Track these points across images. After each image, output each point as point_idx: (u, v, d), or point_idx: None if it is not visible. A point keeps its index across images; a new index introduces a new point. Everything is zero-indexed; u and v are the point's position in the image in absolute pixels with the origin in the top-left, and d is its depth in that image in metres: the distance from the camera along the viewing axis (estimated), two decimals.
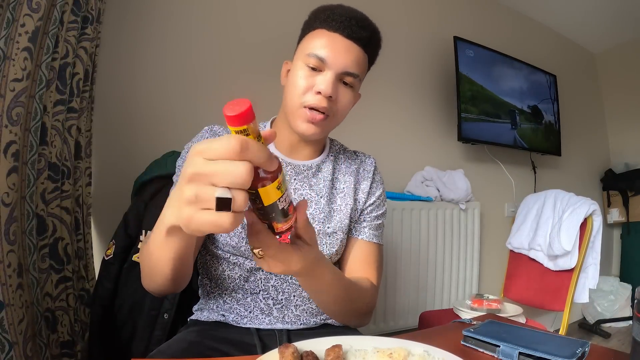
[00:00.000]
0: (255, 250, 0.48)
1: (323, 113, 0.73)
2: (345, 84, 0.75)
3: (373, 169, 0.88)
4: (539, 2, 2.47)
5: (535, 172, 2.54)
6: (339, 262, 0.87)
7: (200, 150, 0.36)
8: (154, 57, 1.34)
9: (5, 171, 0.84)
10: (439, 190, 1.88)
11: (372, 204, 0.85)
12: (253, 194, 0.39)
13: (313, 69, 0.73)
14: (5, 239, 0.84)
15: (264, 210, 0.41)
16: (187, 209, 0.37)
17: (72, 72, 1.00)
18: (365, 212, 0.84)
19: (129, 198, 1.09)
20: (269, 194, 0.39)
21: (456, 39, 2.03)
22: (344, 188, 0.83)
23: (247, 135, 0.36)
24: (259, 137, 0.37)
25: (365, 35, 0.74)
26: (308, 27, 0.77)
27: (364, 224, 0.84)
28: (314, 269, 0.58)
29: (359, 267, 0.82)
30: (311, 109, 0.73)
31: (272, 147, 0.81)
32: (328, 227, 0.78)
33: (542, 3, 2.47)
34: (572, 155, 2.79)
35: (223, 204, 0.35)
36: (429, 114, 2.10)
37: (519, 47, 2.45)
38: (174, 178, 0.79)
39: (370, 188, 0.86)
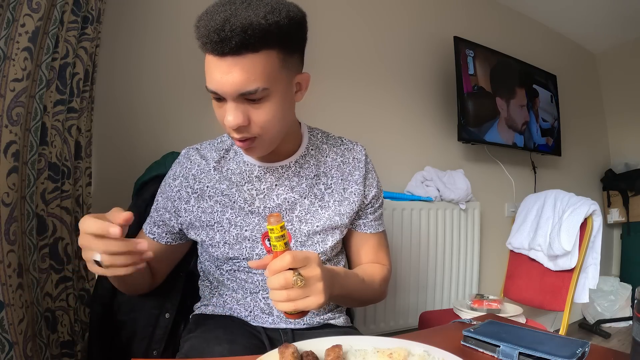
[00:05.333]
0: (295, 279, 0.54)
1: (245, 139, 0.68)
2: (254, 100, 0.64)
3: (364, 158, 0.84)
4: (539, 2, 2.46)
5: (535, 172, 2.54)
6: (349, 256, 0.89)
7: None
8: (154, 57, 1.34)
9: (5, 171, 0.84)
10: (439, 190, 1.88)
11: (374, 196, 0.85)
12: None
13: (218, 99, 0.66)
14: (5, 239, 0.84)
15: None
16: None
17: (72, 72, 1.00)
18: (369, 206, 0.85)
19: (129, 198, 1.09)
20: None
21: (456, 39, 2.03)
22: (331, 184, 0.81)
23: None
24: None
25: (236, 42, 0.58)
26: None
27: (370, 217, 0.85)
28: (334, 281, 0.64)
29: (371, 257, 0.87)
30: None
31: (245, 155, 0.79)
32: (317, 226, 0.78)
33: (542, 3, 2.47)
34: (572, 155, 2.79)
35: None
36: (429, 114, 2.10)
37: (519, 47, 2.45)
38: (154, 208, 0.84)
39: (365, 179, 0.83)
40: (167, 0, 1.37)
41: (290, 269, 0.55)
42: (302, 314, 0.58)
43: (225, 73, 0.61)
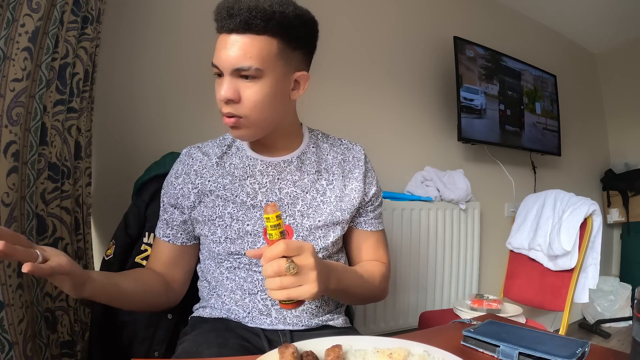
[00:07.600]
0: (287, 266, 0.56)
1: (232, 116, 0.71)
2: (247, 77, 0.69)
3: (363, 157, 0.87)
4: (539, 2, 2.47)
5: (535, 172, 2.54)
6: (349, 253, 0.90)
7: None
8: (154, 57, 1.34)
9: (5, 171, 0.84)
10: (439, 190, 1.88)
11: (374, 195, 0.86)
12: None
13: (219, 75, 0.72)
14: None
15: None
16: None
17: (72, 72, 1.00)
18: (369, 204, 0.86)
19: (129, 198, 1.09)
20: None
21: (456, 39, 2.03)
22: (332, 180, 0.83)
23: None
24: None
25: (241, 19, 0.65)
26: None
27: (371, 215, 0.87)
28: (330, 275, 0.66)
29: (371, 254, 0.88)
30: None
31: (248, 150, 0.81)
32: (319, 221, 0.79)
33: (542, 3, 2.47)
34: (572, 155, 2.79)
35: None
36: (429, 114, 2.10)
37: (519, 47, 2.45)
38: (161, 213, 0.84)
39: (365, 177, 0.85)
40: (167, 0, 1.37)
41: (285, 257, 0.56)
42: (297, 303, 0.60)
43: (228, 48, 0.68)
